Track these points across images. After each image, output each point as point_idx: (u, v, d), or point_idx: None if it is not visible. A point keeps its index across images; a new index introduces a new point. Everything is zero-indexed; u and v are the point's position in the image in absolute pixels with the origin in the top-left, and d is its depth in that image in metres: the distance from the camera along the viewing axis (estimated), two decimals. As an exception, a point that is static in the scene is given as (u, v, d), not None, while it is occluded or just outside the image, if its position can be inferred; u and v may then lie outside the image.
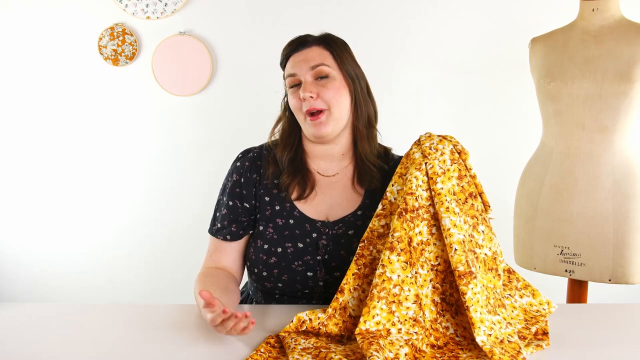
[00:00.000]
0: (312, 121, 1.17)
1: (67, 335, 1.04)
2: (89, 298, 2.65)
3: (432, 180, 1.02)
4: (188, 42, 2.44)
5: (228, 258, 1.25)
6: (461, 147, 1.07)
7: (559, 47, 1.62)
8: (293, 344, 0.95)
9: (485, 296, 0.96)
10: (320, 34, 1.25)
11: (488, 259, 1.02)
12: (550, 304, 1.07)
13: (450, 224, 0.98)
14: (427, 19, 2.41)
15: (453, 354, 0.95)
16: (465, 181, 1.04)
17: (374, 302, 0.96)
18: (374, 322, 0.95)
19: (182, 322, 1.11)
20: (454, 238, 0.97)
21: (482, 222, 1.04)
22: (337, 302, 1.03)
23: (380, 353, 0.87)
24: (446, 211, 1.00)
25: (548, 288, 2.05)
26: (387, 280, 0.97)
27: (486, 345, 0.89)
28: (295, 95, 1.19)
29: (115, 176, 2.57)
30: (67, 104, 2.52)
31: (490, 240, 1.04)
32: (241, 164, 1.27)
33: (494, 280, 1.01)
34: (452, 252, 0.97)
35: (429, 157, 1.04)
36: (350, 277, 1.05)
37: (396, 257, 0.98)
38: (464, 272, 0.95)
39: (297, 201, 1.22)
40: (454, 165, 1.04)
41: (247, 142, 1.60)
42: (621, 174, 1.54)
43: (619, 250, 1.55)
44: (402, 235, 0.99)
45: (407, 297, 0.98)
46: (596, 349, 0.97)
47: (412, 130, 2.53)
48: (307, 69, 1.18)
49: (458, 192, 1.03)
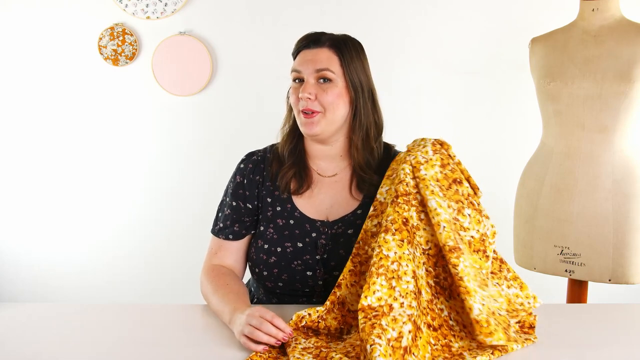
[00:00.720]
0: (305, 119, 1.18)
1: (67, 335, 1.04)
2: (89, 298, 2.65)
3: (416, 168, 1.07)
4: (188, 42, 2.44)
5: (231, 257, 1.27)
6: (442, 140, 1.13)
7: (559, 47, 1.62)
8: (293, 343, 0.96)
9: (474, 272, 1.00)
10: (338, 34, 1.25)
11: (475, 241, 1.05)
12: (536, 299, 1.08)
13: (436, 205, 1.03)
14: (427, 19, 2.41)
15: (446, 340, 0.96)
16: (449, 168, 1.09)
17: (373, 278, 0.98)
18: (375, 297, 0.96)
19: (182, 322, 1.11)
20: (441, 217, 1.02)
21: (468, 205, 1.07)
22: (334, 296, 1.06)
23: (382, 336, 0.87)
24: (431, 194, 1.04)
25: (548, 288, 2.06)
26: (385, 257, 0.99)
27: (482, 314, 0.92)
28: (296, 91, 1.21)
29: (115, 176, 2.57)
30: (67, 104, 2.52)
31: (478, 222, 1.06)
32: (244, 166, 1.29)
33: (479, 262, 1.04)
34: (441, 230, 1.01)
35: (412, 151, 1.12)
36: (347, 274, 1.07)
37: (391, 236, 1.01)
38: (453, 247, 0.99)
39: (295, 197, 1.24)
40: (436, 155, 1.09)
41: (247, 142, 1.60)
42: (621, 174, 1.54)
43: (619, 250, 1.55)
44: (395, 217, 1.02)
45: (406, 272, 0.99)
46: (596, 349, 0.97)
47: (412, 130, 2.54)
48: (312, 70, 1.18)
49: (441, 179, 1.07)
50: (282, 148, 1.27)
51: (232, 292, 1.14)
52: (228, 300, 1.11)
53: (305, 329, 1.03)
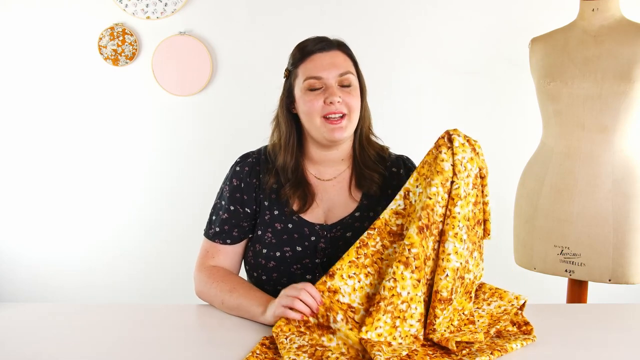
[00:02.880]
0: (332, 125, 1.15)
1: (67, 335, 1.03)
2: (89, 298, 2.64)
3: (453, 202, 1.01)
4: (188, 42, 2.44)
5: (227, 261, 1.25)
6: (485, 172, 1.06)
7: (559, 47, 1.62)
8: (289, 344, 0.95)
9: (449, 318, 1.01)
10: (335, 39, 1.23)
11: (469, 283, 1.05)
12: (519, 297, 1.07)
13: (452, 250, 0.99)
14: (427, 19, 2.41)
15: (443, 350, 0.96)
16: (478, 208, 1.05)
17: (379, 314, 0.96)
18: (376, 333, 0.96)
19: (182, 322, 1.11)
20: (450, 264, 0.99)
21: (477, 248, 1.06)
22: (324, 285, 1.03)
23: (381, 354, 0.88)
24: (454, 237, 1.00)
25: (548, 288, 2.06)
26: (397, 295, 0.97)
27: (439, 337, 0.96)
28: (316, 98, 1.16)
29: (115, 176, 2.57)
30: (67, 104, 2.52)
31: (476, 265, 1.06)
32: (240, 168, 1.25)
33: (464, 303, 1.04)
34: (443, 276, 0.99)
35: (457, 176, 1.01)
36: (346, 264, 1.04)
37: (410, 273, 0.98)
38: (445, 298, 0.99)
39: (298, 213, 1.22)
40: (474, 190, 1.04)
41: (247, 142, 1.60)
42: (621, 174, 1.54)
43: (619, 250, 1.55)
44: (419, 252, 0.98)
45: (413, 314, 0.98)
46: (596, 349, 0.97)
47: (412, 130, 2.53)
48: (335, 74, 1.16)
49: (471, 219, 1.03)
50: (283, 162, 1.22)
51: (253, 289, 1.15)
52: (254, 295, 1.11)
53: (296, 322, 1.02)
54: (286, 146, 1.23)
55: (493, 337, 1.01)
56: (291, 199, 1.21)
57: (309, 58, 1.18)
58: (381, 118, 1.34)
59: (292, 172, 1.22)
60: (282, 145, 1.23)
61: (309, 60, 1.18)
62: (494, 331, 1.02)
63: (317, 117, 1.16)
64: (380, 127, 1.36)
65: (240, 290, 1.14)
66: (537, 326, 1.04)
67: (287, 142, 1.23)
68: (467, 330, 1.00)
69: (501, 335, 1.02)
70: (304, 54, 1.19)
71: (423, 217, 1.00)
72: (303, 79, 1.18)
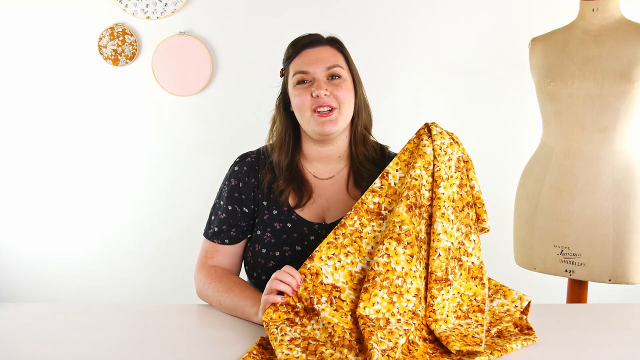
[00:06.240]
0: (322, 118, 1.16)
1: (67, 335, 1.03)
2: (89, 298, 2.64)
3: (436, 183, 1.05)
4: (188, 42, 2.44)
5: (227, 261, 1.25)
6: (467, 157, 1.10)
7: (559, 47, 1.62)
8: (280, 335, 0.96)
9: (457, 303, 1.02)
10: (327, 35, 1.24)
11: (474, 267, 1.06)
12: (523, 298, 1.07)
13: (441, 230, 1.02)
14: (427, 19, 2.41)
15: (444, 349, 0.96)
16: (465, 190, 1.07)
17: (375, 289, 0.98)
18: (374, 309, 0.97)
19: (182, 322, 1.11)
20: (441, 244, 1.02)
21: (474, 231, 1.07)
22: (305, 268, 1.04)
23: (378, 346, 0.88)
24: (441, 217, 1.03)
25: (548, 288, 2.06)
26: (391, 270, 0.99)
27: (441, 332, 0.96)
28: (304, 92, 1.17)
29: (115, 176, 2.57)
30: (67, 104, 2.52)
31: (479, 249, 1.07)
32: (239, 168, 1.26)
33: (475, 289, 1.05)
34: (435, 256, 1.01)
35: (437, 159, 1.06)
36: (324, 246, 1.05)
37: (402, 249, 1.00)
38: (440, 278, 1.01)
39: (295, 208, 1.22)
40: (457, 173, 1.07)
41: (247, 142, 1.60)
42: (621, 174, 1.54)
43: (619, 250, 1.55)
44: (410, 229, 1.01)
45: (409, 289, 0.99)
46: (596, 349, 0.97)
47: (412, 130, 2.53)
48: (322, 68, 1.17)
49: (457, 200, 1.06)
50: (278, 159, 1.23)
51: (249, 289, 1.15)
52: (249, 295, 1.12)
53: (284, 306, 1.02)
54: (281, 144, 1.24)
55: (494, 336, 1.01)
56: (285, 193, 1.21)
57: (299, 54, 1.20)
58: (381, 118, 1.34)
59: (287, 168, 1.22)
60: (278, 142, 1.25)
61: (299, 56, 1.20)
62: (495, 331, 1.02)
63: (307, 111, 1.17)
64: (380, 126, 1.36)
65: (236, 290, 1.14)
66: (537, 326, 1.04)
67: (283, 139, 1.24)
68: (471, 330, 0.99)
69: (502, 335, 1.02)
70: (294, 50, 1.21)
71: (410, 196, 1.03)
72: (292, 74, 1.20)
